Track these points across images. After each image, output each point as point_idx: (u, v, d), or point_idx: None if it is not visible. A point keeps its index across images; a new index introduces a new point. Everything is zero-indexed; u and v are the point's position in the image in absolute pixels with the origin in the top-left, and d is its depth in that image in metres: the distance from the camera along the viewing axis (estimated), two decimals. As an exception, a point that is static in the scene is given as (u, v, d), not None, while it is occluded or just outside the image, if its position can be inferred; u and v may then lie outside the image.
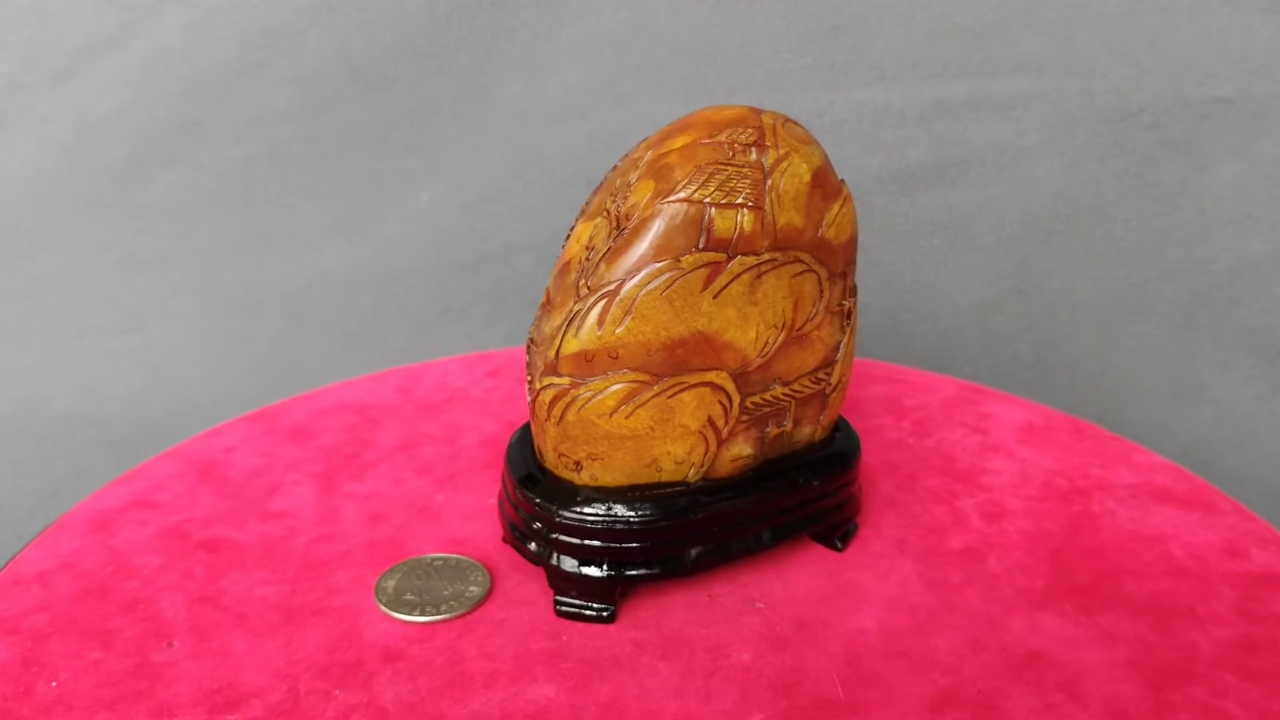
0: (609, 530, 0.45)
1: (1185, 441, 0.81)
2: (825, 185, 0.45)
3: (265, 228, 0.84)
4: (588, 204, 0.47)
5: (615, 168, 0.47)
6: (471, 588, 0.47)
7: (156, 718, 0.40)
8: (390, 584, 0.47)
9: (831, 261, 0.45)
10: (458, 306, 0.85)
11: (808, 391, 0.47)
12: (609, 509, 0.45)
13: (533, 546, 0.47)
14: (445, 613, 0.46)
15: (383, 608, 0.46)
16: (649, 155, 0.45)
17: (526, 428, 0.50)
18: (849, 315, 0.47)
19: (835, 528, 0.50)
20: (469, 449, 0.59)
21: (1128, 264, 0.82)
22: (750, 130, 0.44)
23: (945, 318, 0.84)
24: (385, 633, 0.45)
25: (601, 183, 0.48)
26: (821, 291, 0.45)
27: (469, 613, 0.46)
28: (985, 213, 0.82)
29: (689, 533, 0.46)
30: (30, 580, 0.48)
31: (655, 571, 0.46)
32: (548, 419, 0.45)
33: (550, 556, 0.46)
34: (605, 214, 0.45)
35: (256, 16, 0.81)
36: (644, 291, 0.43)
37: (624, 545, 0.45)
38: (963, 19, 0.79)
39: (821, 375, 0.47)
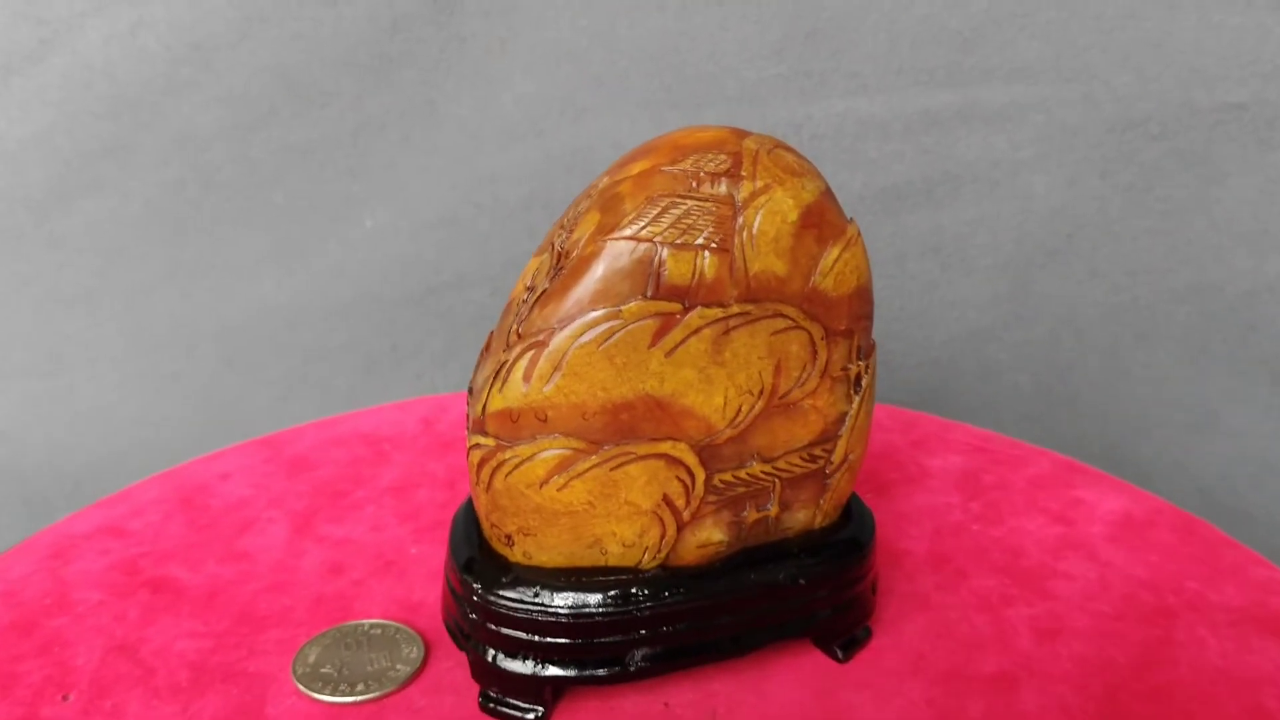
0: (533, 620, 0.37)
1: (1200, 479, 0.73)
2: (820, 225, 0.36)
3: (196, 258, 0.76)
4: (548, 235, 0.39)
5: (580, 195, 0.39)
6: (399, 665, 0.41)
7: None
8: (313, 653, 0.42)
9: (830, 317, 0.36)
10: (407, 342, 0.76)
11: (798, 471, 0.38)
12: (535, 594, 0.37)
13: (457, 628, 0.39)
14: (360, 694, 0.40)
15: (295, 680, 0.41)
16: (604, 182, 0.36)
17: None
18: (858, 381, 0.38)
19: (836, 634, 0.41)
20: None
21: (1135, 286, 0.73)
22: (723, 157, 0.35)
23: (937, 347, 0.75)
24: (289, 710, 0.39)
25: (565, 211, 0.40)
26: (814, 353, 0.36)
27: (386, 696, 0.40)
28: (979, 233, 0.74)
29: (632, 631, 0.37)
30: None
31: (589, 674, 0.38)
32: (478, 483, 0.37)
33: (472, 643, 0.39)
34: (551, 249, 0.37)
35: (183, 29, 0.72)
36: (576, 344, 0.35)
37: (552, 639, 0.37)
38: (951, 22, 0.70)
39: (818, 452, 0.38)
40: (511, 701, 0.38)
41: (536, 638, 0.37)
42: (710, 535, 0.38)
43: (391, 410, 0.62)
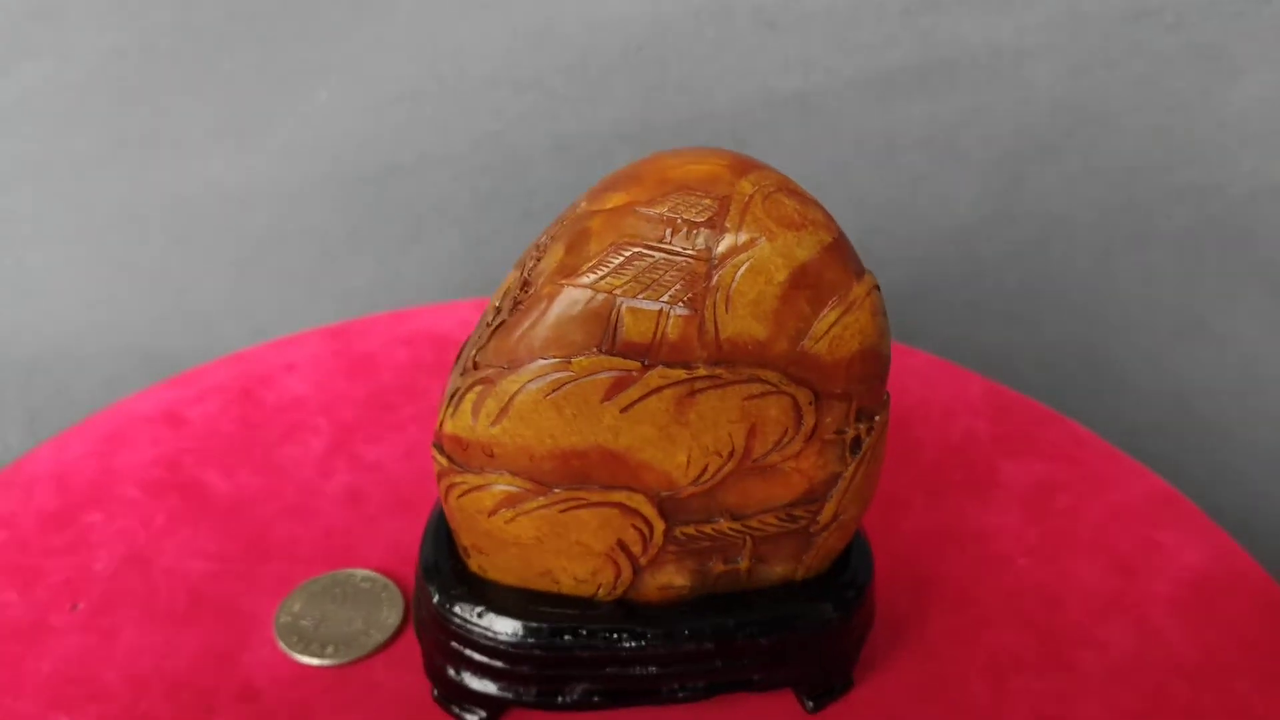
0: (469, 638, 0.34)
1: (1180, 387, 0.69)
2: (816, 286, 0.30)
3: (142, 132, 0.68)
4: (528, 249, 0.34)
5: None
6: (372, 631, 0.39)
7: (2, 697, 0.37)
8: (299, 602, 0.41)
9: (822, 380, 0.31)
10: (366, 225, 0.70)
11: (773, 530, 0.33)
12: (479, 614, 0.34)
13: (416, 620, 0.37)
14: (328, 656, 0.39)
15: (275, 630, 0.39)
16: (581, 207, 0.31)
17: None
18: (856, 444, 0.33)
19: (809, 684, 0.36)
20: None
21: (1133, 185, 0.67)
22: (708, 201, 0.29)
23: (923, 243, 0.70)
24: (260, 661, 0.38)
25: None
26: (799, 418, 0.31)
27: (351, 663, 0.38)
28: (974, 124, 0.67)
29: (575, 667, 0.34)
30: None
31: (525, 699, 0.35)
32: (439, 491, 0.34)
33: (422, 637, 0.36)
34: (522, 267, 0.32)
35: (113, -127, 0.63)
36: (522, 391, 0.30)
37: (490, 661, 0.35)
38: (959, -111, 0.62)
39: (799, 513, 0.33)
40: (454, 703, 0.36)
41: (476, 655, 0.35)
42: (672, 579, 0.33)
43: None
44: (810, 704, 0.36)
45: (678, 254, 0.29)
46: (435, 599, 0.35)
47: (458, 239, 0.70)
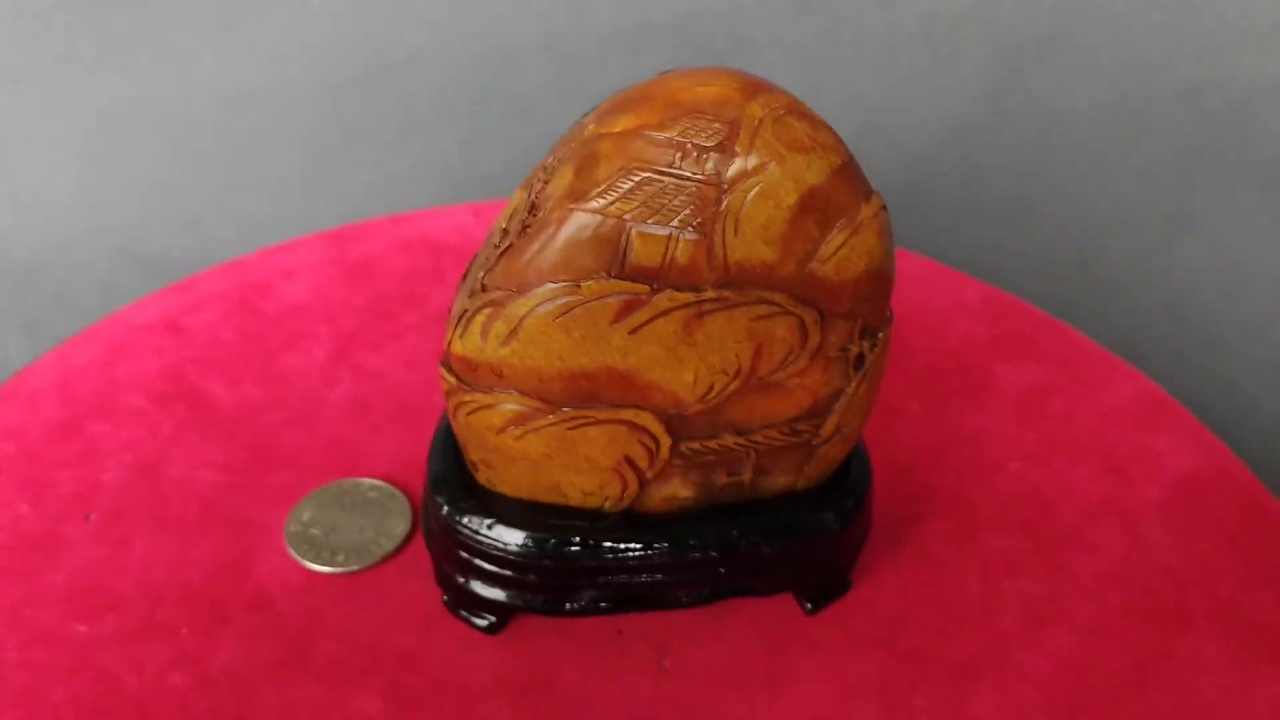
0: (479, 548, 0.35)
1: (1170, 289, 0.69)
2: (825, 208, 0.30)
3: (127, 34, 0.67)
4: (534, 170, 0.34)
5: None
6: (381, 539, 0.40)
7: (17, 609, 0.37)
8: (308, 511, 0.41)
9: (829, 300, 0.31)
10: (359, 125, 0.69)
11: (777, 444, 0.34)
12: (488, 526, 0.35)
13: (425, 530, 0.38)
14: (339, 565, 0.39)
15: (285, 539, 0.40)
16: (589, 129, 0.31)
17: None
18: (860, 360, 0.33)
19: (809, 588, 0.37)
20: None
21: (1134, 81, 0.67)
22: (718, 126, 0.29)
23: (917, 143, 0.69)
24: (272, 570, 0.39)
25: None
26: (804, 337, 0.32)
27: (362, 571, 0.39)
28: (974, 19, 0.66)
29: (583, 576, 0.35)
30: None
31: (533, 605, 0.36)
32: (447, 408, 0.35)
33: (431, 546, 0.37)
34: (530, 189, 0.32)
35: None
36: (531, 314, 0.31)
37: (499, 570, 0.36)
38: None
39: (802, 427, 0.34)
40: (467, 606, 0.37)
41: (486, 565, 0.36)
42: (677, 491, 0.34)
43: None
44: (809, 606, 0.37)
45: (687, 179, 0.29)
46: (445, 511, 0.35)
47: (451, 139, 0.69)
